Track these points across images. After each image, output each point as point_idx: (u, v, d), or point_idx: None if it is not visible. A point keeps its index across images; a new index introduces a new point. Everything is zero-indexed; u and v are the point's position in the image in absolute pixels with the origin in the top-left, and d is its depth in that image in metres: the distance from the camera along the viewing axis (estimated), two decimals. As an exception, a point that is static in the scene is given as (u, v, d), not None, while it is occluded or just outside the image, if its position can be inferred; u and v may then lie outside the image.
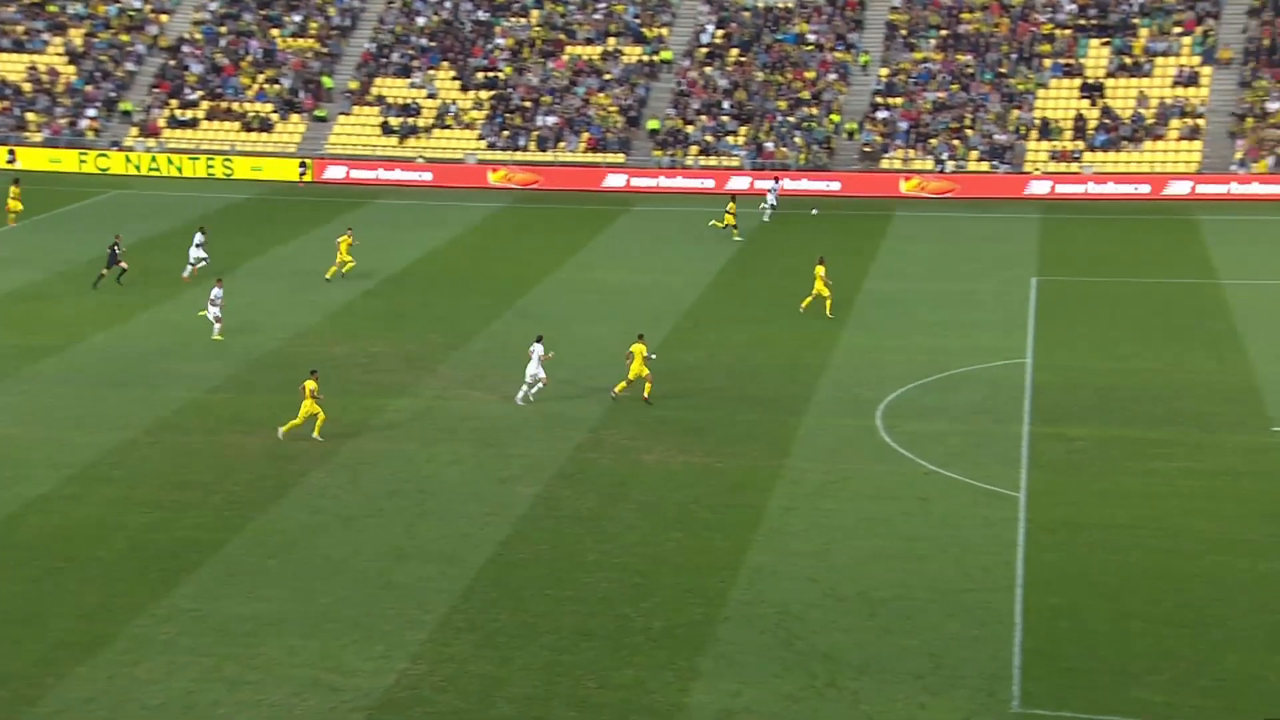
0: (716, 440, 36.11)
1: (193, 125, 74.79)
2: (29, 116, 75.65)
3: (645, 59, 75.08)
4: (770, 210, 61.27)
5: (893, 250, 56.45)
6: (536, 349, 38.42)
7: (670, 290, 50.72)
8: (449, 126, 73.08)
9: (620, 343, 43.65)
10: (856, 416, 37.76)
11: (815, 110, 71.18)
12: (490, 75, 75.23)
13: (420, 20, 78.51)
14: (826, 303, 46.42)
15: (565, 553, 29.86)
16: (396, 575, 28.86)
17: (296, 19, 79.52)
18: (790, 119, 70.74)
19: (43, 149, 73.74)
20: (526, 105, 73.27)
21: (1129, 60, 71.32)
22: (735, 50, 74.72)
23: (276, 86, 75.86)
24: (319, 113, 74.74)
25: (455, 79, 75.39)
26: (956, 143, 68.63)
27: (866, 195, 65.91)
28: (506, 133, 72.22)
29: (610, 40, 76.35)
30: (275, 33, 79.04)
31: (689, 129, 71.09)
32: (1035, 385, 40.18)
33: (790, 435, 36.42)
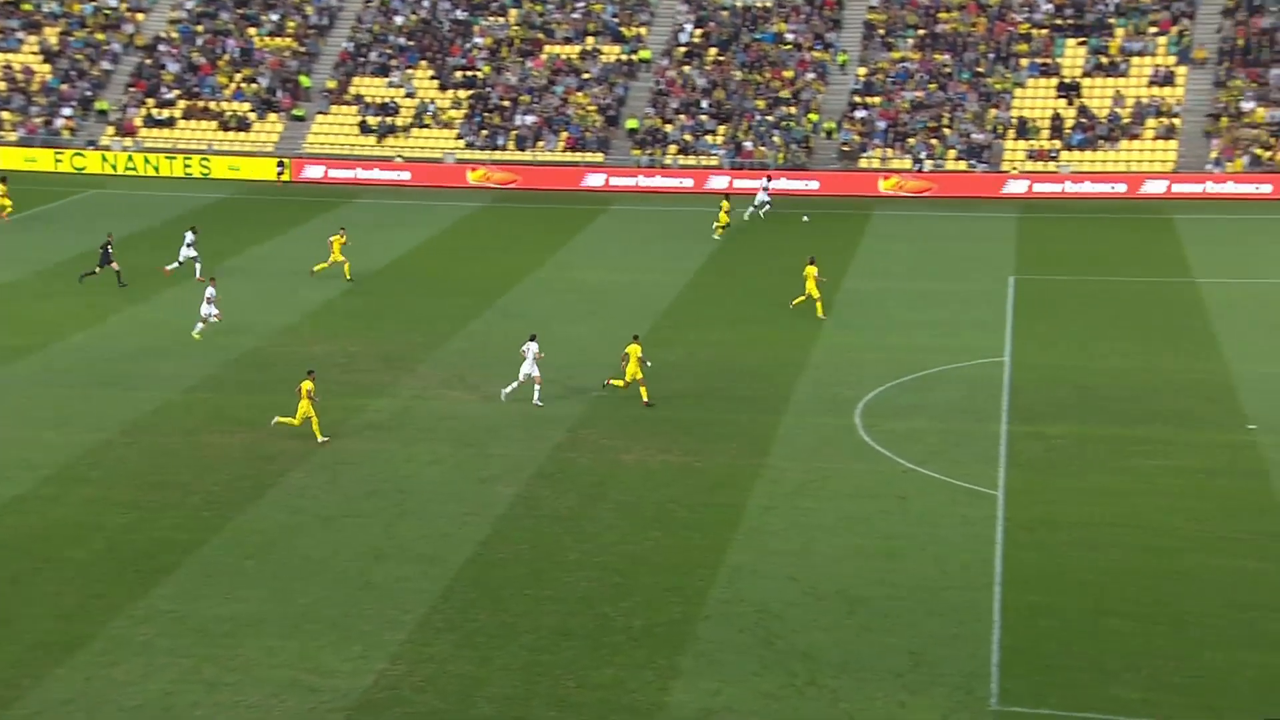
0: (696, 439, 36.14)
1: (169, 124, 74.47)
2: (3, 115, 75.18)
3: (624, 58, 75.08)
4: (765, 209, 61.15)
5: (871, 249, 56.58)
6: (530, 347, 38.33)
7: (649, 289, 50.75)
8: (427, 126, 72.94)
9: (599, 342, 43.73)
10: (835, 415, 37.84)
11: (794, 109, 71.28)
12: (469, 74, 75.11)
13: (398, 19, 78.34)
14: (818, 304, 46.42)
15: (545, 552, 29.86)
16: (375, 575, 28.82)
17: (274, 18, 79.24)
18: (769, 118, 70.82)
19: (18, 148, 73.29)
20: (505, 104, 73.19)
21: (1105, 60, 71.62)
22: (714, 49, 74.76)
23: (254, 86, 75.61)
24: (297, 112, 74.51)
25: (433, 78, 75.25)
26: (934, 142, 68.81)
27: (845, 194, 66.03)
28: (485, 132, 72.12)
29: (589, 39, 76.32)
30: (252, 32, 78.77)
31: (668, 128, 71.12)
32: (1013, 384, 40.33)
33: (769, 434, 36.47)
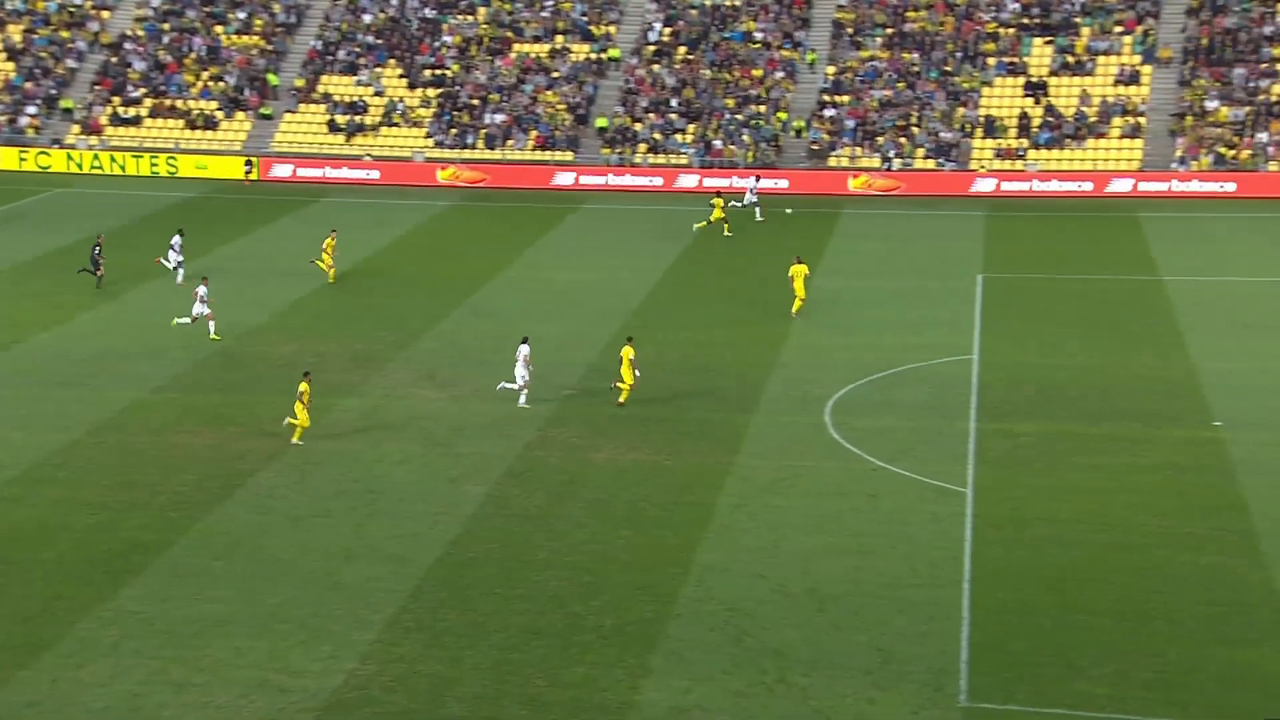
0: (666, 438, 36.17)
1: (136, 123, 74.00)
2: (-32, 114, 74.67)
3: (593, 57, 75.04)
4: (755, 208, 61.05)
5: (840, 248, 56.72)
6: (523, 350, 38.20)
7: (619, 288, 50.74)
8: (396, 124, 72.72)
9: (570, 341, 43.70)
10: (805, 413, 37.93)
11: (763, 108, 71.40)
12: (437, 73, 74.92)
13: (366, 18, 78.05)
14: (797, 302, 46.48)
15: (515, 551, 29.83)
16: (345, 575, 28.73)
17: (241, 16, 78.86)
18: (738, 117, 70.92)
19: (-18, 147, 72.82)
20: (474, 103, 73.04)
21: (1071, 59, 72.02)
22: (683, 48, 74.81)
23: (221, 84, 75.21)
24: (265, 110, 74.16)
25: (402, 77, 75.02)
26: (903, 140, 69.06)
27: (814, 193, 66.17)
28: (454, 131, 71.96)
29: (558, 38, 76.25)
30: (219, 30, 78.34)
31: (637, 127, 71.12)
32: (981, 382, 40.51)
33: (739, 432, 36.53)
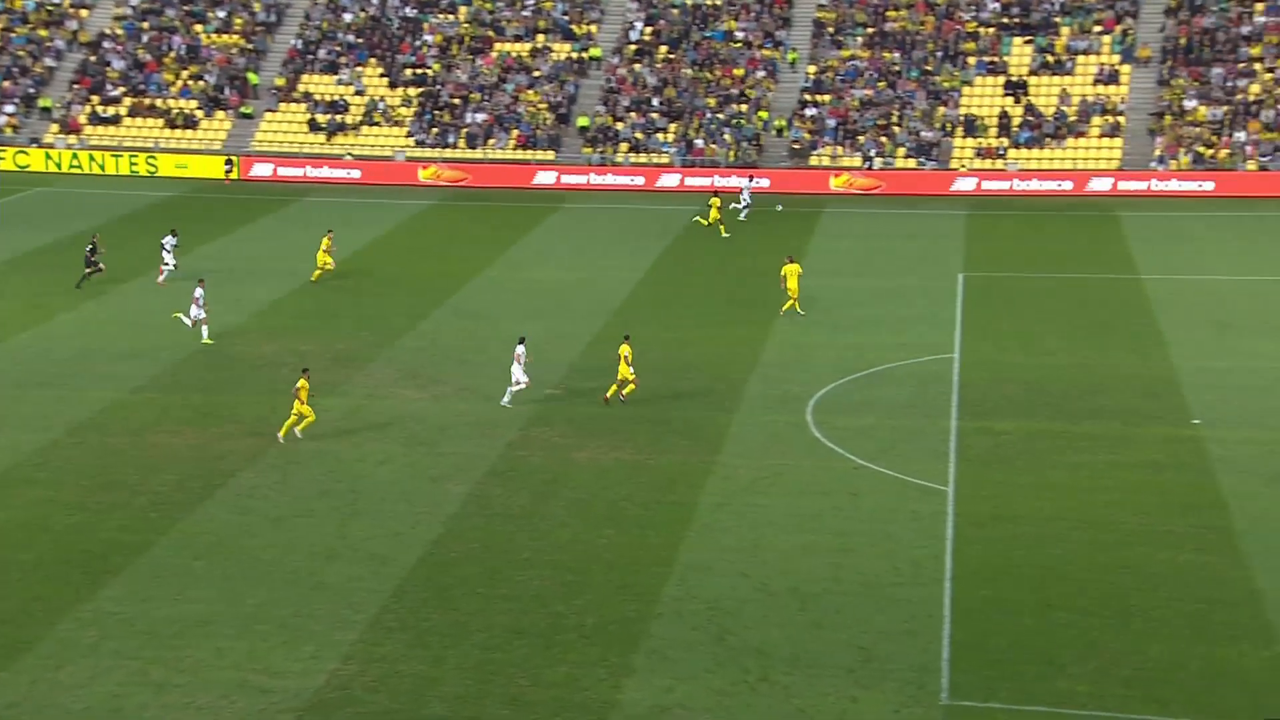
0: (648, 437, 36.18)
1: (115, 122, 73.72)
2: (-54, 113, 74.30)
3: (574, 56, 75.01)
4: (746, 208, 61.09)
5: (821, 247, 56.80)
6: (519, 350, 38.12)
7: (601, 288, 50.73)
8: (377, 124, 72.58)
9: (551, 340, 43.66)
10: (787, 412, 37.98)
11: (744, 107, 71.47)
12: (419, 72, 74.80)
13: (347, 16, 77.89)
14: (790, 302, 46.38)
15: (497, 551, 29.80)
16: (327, 575, 28.66)
17: (221, 15, 78.61)
18: (719, 116, 70.98)
19: (-40, 146, 72.47)
20: (455, 102, 72.94)
21: (1051, 58, 72.28)
22: (664, 47, 74.84)
23: (201, 83, 74.97)
24: (245, 110, 73.94)
25: (383, 76, 74.88)
26: (884, 140, 69.20)
27: (795, 192, 66.25)
28: (435, 130, 71.87)
29: (539, 37, 76.19)
30: (199, 28, 78.10)
31: (619, 126, 71.13)
32: (962, 380, 40.62)
33: (721, 431, 36.56)
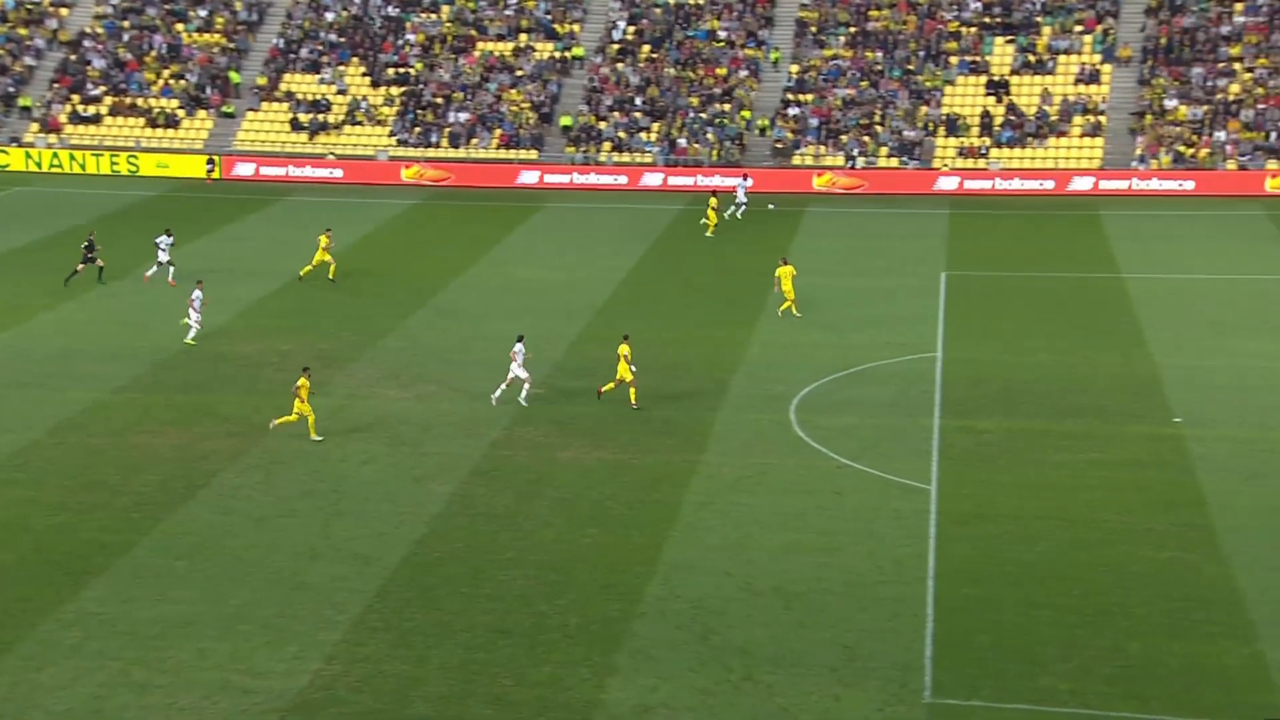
0: (631, 436, 36.20)
1: (96, 121, 73.44)
2: (-75, 112, 73.93)
3: (557, 55, 74.97)
4: (742, 208, 61.03)
5: (804, 246, 56.86)
6: (518, 349, 38.07)
7: (584, 287, 50.73)
8: (360, 123, 72.45)
9: (535, 339, 43.54)
10: (770, 411, 38.03)
11: (727, 107, 71.52)
12: (401, 71, 74.68)
13: (329, 15, 77.72)
14: (788, 304, 46.26)
15: (481, 551, 29.79)
16: (310, 575, 28.61)
17: (202, 13, 78.37)
18: (702, 115, 71.02)
19: (-60, 145, 72.12)
20: (438, 101, 72.84)
21: (1033, 58, 72.49)
22: (647, 47, 74.85)
23: (182, 82, 74.72)
24: (226, 109, 73.72)
25: (365, 75, 74.74)
26: (866, 139, 69.32)
27: (778, 191, 66.31)
28: (418, 129, 71.76)
29: (522, 36, 76.13)
30: (180, 27, 77.86)
31: (602, 125, 71.11)
32: (945, 379, 40.72)
33: (705, 431, 36.60)
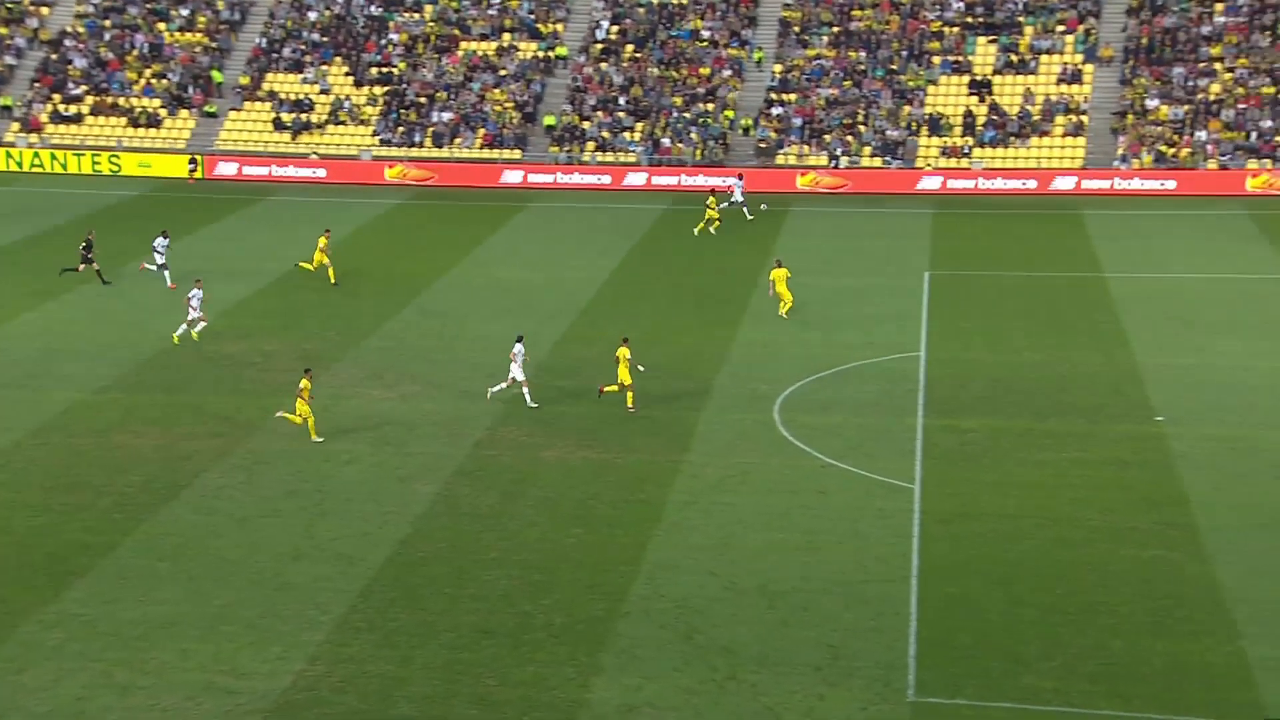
0: (615, 436, 36.20)
1: (77, 120, 73.15)
2: (-95, 111, 73.56)
3: (541, 55, 74.92)
4: (740, 208, 60.95)
5: (788, 246, 56.89)
6: (517, 349, 38.00)
7: (567, 286, 50.72)
8: (343, 123, 72.30)
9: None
10: (754, 411, 38.06)
11: (710, 106, 71.56)
12: (384, 71, 74.55)
13: (312, 15, 77.54)
14: (784, 305, 46.30)
15: (465, 550, 29.77)
16: (293, 576, 28.56)
17: (184, 13, 78.13)
18: (686, 115, 71.04)
19: (-81, 144, 71.78)
20: (421, 101, 72.73)
21: (1015, 58, 72.67)
22: (630, 46, 74.84)
23: (164, 81, 74.48)
24: (209, 108, 73.51)
25: (348, 74, 74.60)
26: (850, 139, 69.42)
27: (762, 191, 66.36)
28: (401, 129, 71.65)
29: (505, 36, 76.06)
30: (162, 27, 77.60)
31: (585, 125, 71.09)
32: (928, 378, 40.81)
33: (689, 430, 36.62)
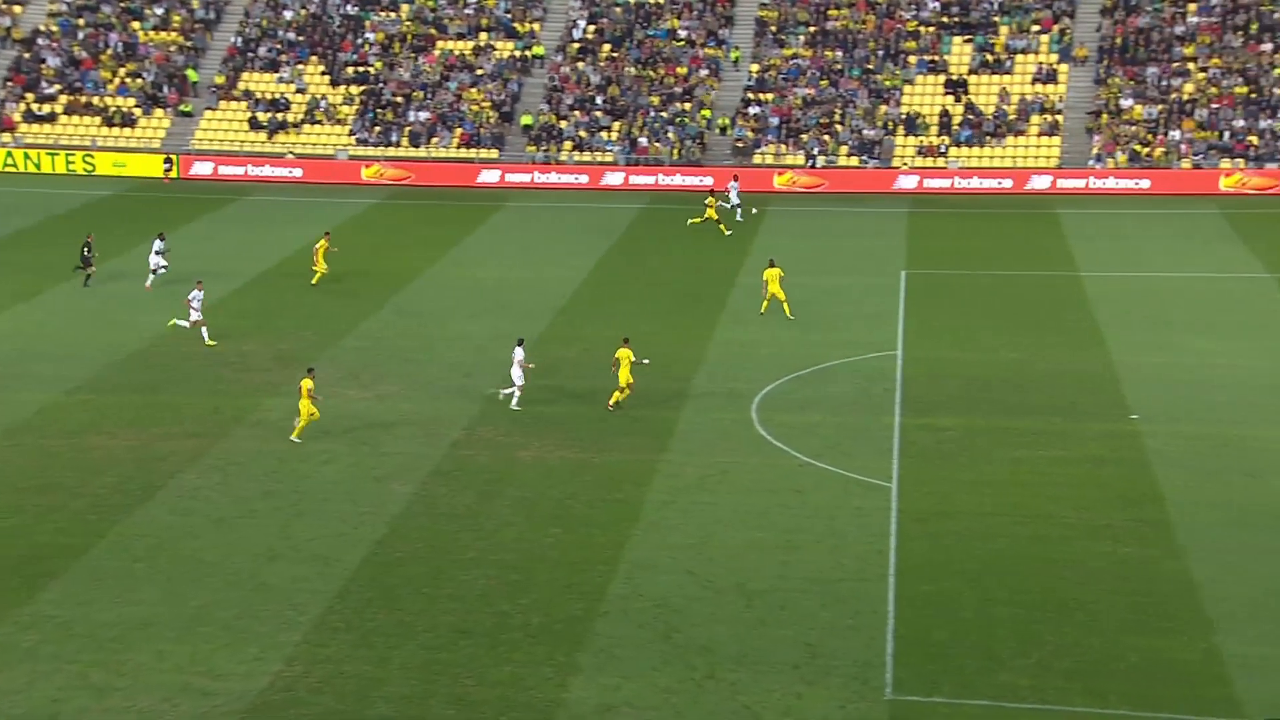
0: (593, 435, 36.18)
1: (50, 120, 72.72)
2: (-124, 110, 72.99)
3: (517, 54, 74.82)
4: (738, 209, 60.89)
5: (765, 245, 56.94)
6: (517, 353, 37.87)
7: (545, 286, 50.67)
8: (319, 122, 72.07)
9: (496, 339, 43.52)
10: (732, 410, 38.10)
11: (687, 106, 71.57)
12: (360, 70, 74.35)
13: (287, 14, 77.26)
14: (785, 305, 46.18)
15: (442, 550, 29.71)
16: (270, 576, 28.45)
17: (159, 11, 77.74)
18: (663, 114, 71.06)
19: (-109, 144, 71.27)
20: (398, 101, 72.56)
21: (990, 57, 72.90)
22: (607, 45, 74.80)
23: (139, 81, 74.12)
24: (184, 108, 73.19)
25: (324, 74, 74.36)
26: (826, 138, 69.54)
27: (739, 190, 66.36)
28: (378, 128, 71.45)
29: (482, 35, 75.93)
30: (136, 26, 77.22)
31: (562, 124, 71.04)
32: (905, 377, 40.90)
33: (667, 429, 36.62)
